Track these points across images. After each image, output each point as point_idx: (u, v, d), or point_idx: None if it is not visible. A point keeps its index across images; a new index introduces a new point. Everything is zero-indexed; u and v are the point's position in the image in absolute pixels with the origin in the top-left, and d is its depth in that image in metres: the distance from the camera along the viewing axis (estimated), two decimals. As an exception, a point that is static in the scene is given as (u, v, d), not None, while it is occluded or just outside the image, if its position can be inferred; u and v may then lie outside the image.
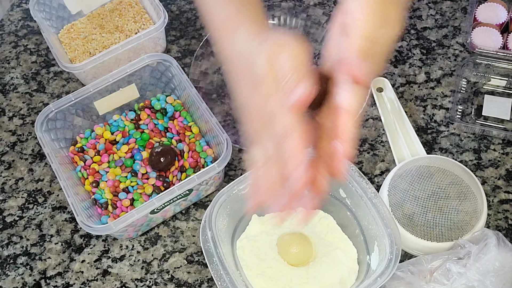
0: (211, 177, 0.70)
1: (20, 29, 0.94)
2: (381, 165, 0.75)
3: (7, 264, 0.72)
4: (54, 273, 0.71)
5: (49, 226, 0.74)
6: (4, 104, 0.86)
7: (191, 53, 0.88)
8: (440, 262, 0.61)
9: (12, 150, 0.81)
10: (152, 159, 0.73)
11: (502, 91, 0.80)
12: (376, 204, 0.61)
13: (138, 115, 0.80)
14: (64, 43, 0.88)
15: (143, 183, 0.73)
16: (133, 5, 0.90)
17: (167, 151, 0.73)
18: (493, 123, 0.77)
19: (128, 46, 0.80)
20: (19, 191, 0.77)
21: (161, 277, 0.69)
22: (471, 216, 0.67)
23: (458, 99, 0.79)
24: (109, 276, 0.70)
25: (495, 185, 0.73)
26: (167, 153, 0.73)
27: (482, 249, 0.61)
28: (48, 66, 0.89)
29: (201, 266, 0.70)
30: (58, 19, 0.90)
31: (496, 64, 0.79)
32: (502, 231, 0.69)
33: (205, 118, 0.73)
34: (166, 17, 0.81)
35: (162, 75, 0.79)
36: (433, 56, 0.84)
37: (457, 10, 0.89)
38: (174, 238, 0.72)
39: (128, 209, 0.72)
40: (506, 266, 0.59)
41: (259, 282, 0.63)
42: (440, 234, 0.66)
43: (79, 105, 0.76)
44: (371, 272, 0.62)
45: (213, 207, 0.62)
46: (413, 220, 0.67)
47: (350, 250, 0.66)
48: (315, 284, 0.63)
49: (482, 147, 0.76)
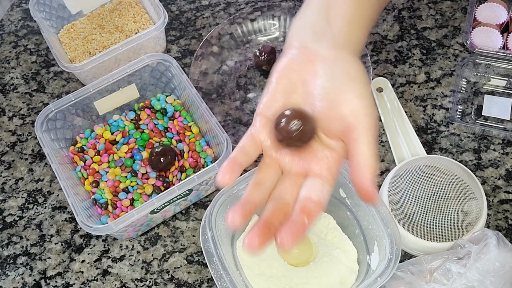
0: (211, 177, 0.70)
1: (20, 29, 0.94)
2: (381, 165, 0.75)
3: (7, 264, 0.72)
4: (54, 273, 0.71)
5: (49, 226, 0.74)
6: (4, 104, 0.86)
7: (191, 53, 0.88)
8: (440, 262, 0.61)
9: (12, 150, 0.81)
10: (152, 159, 0.73)
11: (502, 91, 0.80)
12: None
13: (138, 115, 0.80)
14: (64, 43, 0.88)
15: (143, 183, 0.73)
16: (133, 5, 0.90)
17: (167, 151, 0.73)
18: (493, 123, 0.77)
19: (128, 46, 0.80)
20: (19, 191, 0.77)
21: (161, 277, 0.69)
22: (471, 216, 0.67)
23: (458, 99, 0.79)
24: (109, 276, 0.70)
25: (495, 185, 0.73)
26: (167, 153, 0.73)
27: (482, 249, 0.61)
28: (48, 66, 0.89)
29: (201, 266, 0.70)
30: (58, 19, 0.90)
31: (496, 64, 0.79)
32: (502, 231, 0.69)
33: (205, 118, 0.73)
34: (166, 17, 0.81)
35: (162, 75, 0.79)
36: (433, 56, 0.84)
37: (457, 10, 0.89)
38: (174, 238, 0.72)
39: (128, 209, 0.72)
40: (506, 266, 0.59)
41: (259, 282, 0.63)
42: (440, 234, 0.66)
43: (79, 105, 0.76)
44: (371, 272, 0.62)
45: (213, 207, 0.62)
46: (413, 220, 0.67)
47: (350, 250, 0.66)
48: (315, 284, 0.63)
49: (482, 147, 0.76)
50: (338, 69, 0.50)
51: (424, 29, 0.87)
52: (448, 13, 0.89)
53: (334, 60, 0.51)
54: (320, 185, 0.48)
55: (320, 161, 0.49)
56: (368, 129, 0.48)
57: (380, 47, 0.86)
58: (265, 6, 0.87)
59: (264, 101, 0.51)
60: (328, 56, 0.51)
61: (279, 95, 0.51)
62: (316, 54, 0.51)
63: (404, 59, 0.84)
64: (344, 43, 0.52)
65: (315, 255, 0.65)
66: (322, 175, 0.49)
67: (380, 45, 0.86)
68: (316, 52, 0.51)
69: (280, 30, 0.87)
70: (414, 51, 0.85)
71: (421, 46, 0.85)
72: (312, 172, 0.49)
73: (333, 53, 0.51)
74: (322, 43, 0.52)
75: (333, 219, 0.69)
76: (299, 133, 0.47)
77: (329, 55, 0.51)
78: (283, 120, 0.47)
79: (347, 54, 0.51)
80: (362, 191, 0.46)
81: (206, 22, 0.91)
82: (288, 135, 0.47)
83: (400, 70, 0.83)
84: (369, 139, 0.47)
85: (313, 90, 0.50)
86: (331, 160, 0.49)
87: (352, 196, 0.65)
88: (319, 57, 0.51)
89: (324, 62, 0.50)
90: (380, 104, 0.79)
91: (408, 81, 0.82)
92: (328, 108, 0.49)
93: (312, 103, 0.50)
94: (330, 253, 0.65)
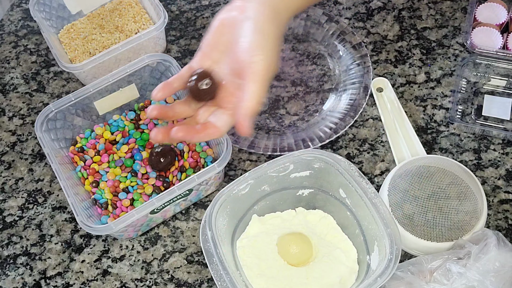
0: (211, 177, 0.70)
1: (20, 29, 0.94)
2: (381, 165, 0.75)
3: (7, 264, 0.72)
4: (54, 273, 0.71)
5: (49, 226, 0.74)
6: (4, 104, 0.86)
7: (191, 53, 0.88)
8: (440, 262, 0.61)
9: (12, 150, 0.81)
10: (152, 159, 0.73)
11: (502, 91, 0.80)
12: (376, 204, 0.61)
13: (138, 115, 0.80)
14: (64, 43, 0.88)
15: (143, 183, 0.73)
16: (133, 5, 0.90)
17: (167, 151, 0.73)
18: (493, 123, 0.77)
19: (128, 46, 0.80)
20: (19, 191, 0.77)
21: (161, 277, 0.69)
22: (471, 216, 0.67)
23: (458, 99, 0.79)
24: (109, 276, 0.70)
25: (495, 185, 0.73)
26: (167, 153, 0.73)
27: (482, 249, 0.61)
28: (48, 66, 0.89)
29: (201, 266, 0.70)
30: (58, 19, 0.90)
31: (496, 64, 0.79)
32: (502, 231, 0.69)
33: (205, 118, 0.73)
34: (166, 17, 0.81)
35: (162, 75, 0.79)
36: (433, 56, 0.84)
37: (457, 10, 0.89)
38: (174, 238, 0.72)
39: (128, 209, 0.72)
40: (506, 266, 0.59)
41: (259, 282, 0.63)
42: (440, 234, 0.66)
43: (79, 105, 0.76)
44: (371, 272, 0.62)
45: (213, 207, 0.62)
46: (413, 220, 0.67)
47: (350, 250, 0.66)
48: (315, 284, 0.63)
49: (482, 147, 0.76)
50: (251, 26, 0.57)
51: (424, 29, 0.87)
52: (448, 13, 0.89)
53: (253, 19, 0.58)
54: (226, 116, 0.60)
55: (230, 98, 0.60)
56: (260, 69, 0.55)
57: (380, 47, 0.86)
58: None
59: (205, 39, 0.62)
60: (252, 15, 0.58)
61: (215, 37, 0.61)
62: (245, 12, 0.59)
63: (404, 59, 0.84)
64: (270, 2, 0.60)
65: (315, 255, 0.65)
66: (228, 108, 0.60)
67: (380, 45, 0.86)
68: (246, 9, 0.59)
69: (280, 30, 0.87)
70: (414, 51, 0.85)
71: (421, 46, 0.85)
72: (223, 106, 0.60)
73: (260, 9, 0.59)
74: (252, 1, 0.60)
75: (333, 219, 0.69)
76: (207, 90, 0.59)
77: (253, 14, 0.58)
78: (193, 79, 0.59)
79: (268, 12, 0.59)
80: (237, 124, 0.55)
81: (206, 22, 0.91)
82: (198, 92, 0.60)
83: (400, 70, 0.83)
84: (259, 78, 0.55)
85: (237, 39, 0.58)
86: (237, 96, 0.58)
87: (352, 196, 0.65)
88: (246, 16, 0.58)
89: (249, 20, 0.58)
90: (380, 104, 0.79)
91: (408, 81, 0.82)
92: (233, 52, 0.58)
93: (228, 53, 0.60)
94: (330, 253, 0.65)
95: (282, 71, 0.84)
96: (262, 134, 0.78)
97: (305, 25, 0.86)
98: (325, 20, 0.85)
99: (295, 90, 0.82)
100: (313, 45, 0.86)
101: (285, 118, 0.80)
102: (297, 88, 0.82)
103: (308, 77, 0.83)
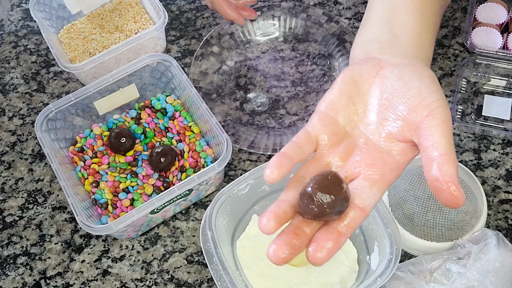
0: (211, 177, 0.70)
1: (20, 29, 0.94)
2: (381, 165, 0.75)
3: (7, 264, 0.72)
4: (54, 273, 0.71)
5: (49, 226, 0.74)
6: (4, 104, 0.86)
7: (191, 53, 0.88)
8: (440, 262, 0.61)
9: (12, 150, 0.81)
10: (152, 159, 0.73)
11: (502, 91, 0.80)
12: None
13: (139, 113, 0.80)
14: (64, 43, 0.88)
15: (143, 183, 0.73)
16: (133, 5, 0.90)
17: (167, 151, 0.73)
18: (493, 123, 0.77)
19: (128, 46, 0.80)
20: (19, 191, 0.77)
21: (161, 277, 0.69)
22: (471, 216, 0.67)
23: (458, 99, 0.79)
24: (109, 276, 0.70)
25: (495, 185, 0.73)
26: (167, 153, 0.73)
27: (482, 249, 0.61)
28: (48, 66, 0.89)
29: (201, 266, 0.70)
30: (58, 19, 0.90)
31: (496, 64, 0.79)
32: (502, 231, 0.69)
33: (205, 118, 0.73)
34: (166, 17, 0.81)
35: (162, 75, 0.79)
36: (433, 56, 0.84)
37: (457, 10, 0.89)
38: (174, 238, 0.72)
39: (128, 209, 0.72)
40: (506, 266, 0.59)
41: (259, 282, 0.63)
42: (440, 234, 0.66)
43: (79, 105, 0.76)
44: (371, 272, 0.62)
45: (213, 207, 0.62)
46: (413, 220, 0.67)
47: (350, 250, 0.66)
48: (315, 284, 0.63)
49: (482, 147, 0.76)
50: (408, 70, 0.46)
51: (424, 29, 0.87)
52: (448, 13, 0.89)
53: (404, 65, 0.47)
54: (368, 188, 0.42)
55: (374, 163, 0.44)
56: (447, 118, 0.42)
57: (380, 47, 0.86)
58: (265, 6, 0.87)
59: (326, 98, 0.48)
60: (398, 62, 0.48)
61: (342, 96, 0.47)
62: (385, 61, 0.48)
63: (404, 59, 0.84)
64: (413, 54, 0.50)
65: (315, 255, 0.65)
66: (372, 178, 0.43)
67: (380, 45, 0.86)
68: (386, 60, 0.48)
69: (280, 30, 0.87)
70: (414, 51, 0.85)
71: (421, 46, 0.85)
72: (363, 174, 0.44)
73: (403, 61, 0.48)
74: (391, 54, 0.49)
75: (333, 219, 0.69)
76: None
77: (399, 61, 0.48)
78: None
79: (417, 62, 0.49)
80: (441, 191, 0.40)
81: (206, 22, 0.91)
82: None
83: (400, 70, 0.83)
84: (447, 129, 0.42)
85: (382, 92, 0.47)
86: (387, 164, 0.45)
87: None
88: (388, 63, 0.48)
89: (393, 66, 0.47)
90: (380, 104, 0.79)
91: (408, 81, 0.82)
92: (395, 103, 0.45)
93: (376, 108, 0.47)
94: (330, 253, 0.65)
95: (282, 71, 0.84)
96: (262, 134, 0.78)
97: (305, 25, 0.86)
98: (325, 20, 0.85)
99: (295, 90, 0.82)
100: (313, 45, 0.86)
101: (285, 118, 0.80)
102: (297, 88, 0.82)
103: (308, 77, 0.83)
